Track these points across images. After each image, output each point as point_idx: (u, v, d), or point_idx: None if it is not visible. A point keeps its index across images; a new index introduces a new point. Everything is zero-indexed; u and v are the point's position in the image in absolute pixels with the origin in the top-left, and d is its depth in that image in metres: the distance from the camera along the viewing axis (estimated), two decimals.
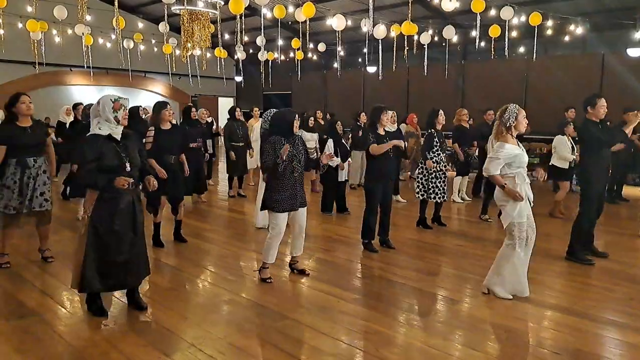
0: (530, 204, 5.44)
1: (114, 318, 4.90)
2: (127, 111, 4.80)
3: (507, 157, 5.30)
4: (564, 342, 4.51)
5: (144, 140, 6.88)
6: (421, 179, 8.67)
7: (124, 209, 4.75)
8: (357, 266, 6.79)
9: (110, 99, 4.71)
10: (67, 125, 11.10)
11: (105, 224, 4.69)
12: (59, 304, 5.25)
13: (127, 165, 4.72)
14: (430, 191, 8.55)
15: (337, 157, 9.48)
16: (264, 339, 4.50)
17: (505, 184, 5.32)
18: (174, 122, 7.39)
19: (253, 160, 11.40)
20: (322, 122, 13.77)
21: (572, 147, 9.24)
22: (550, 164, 9.63)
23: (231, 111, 11.62)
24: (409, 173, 14.31)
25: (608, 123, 9.97)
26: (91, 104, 8.95)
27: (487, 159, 5.45)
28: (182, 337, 4.49)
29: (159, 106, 7.21)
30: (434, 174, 8.51)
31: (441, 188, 8.55)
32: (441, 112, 8.59)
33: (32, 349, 4.27)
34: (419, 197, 8.70)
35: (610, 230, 8.47)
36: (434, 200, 8.63)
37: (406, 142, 10.00)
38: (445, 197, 8.62)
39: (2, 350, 4.25)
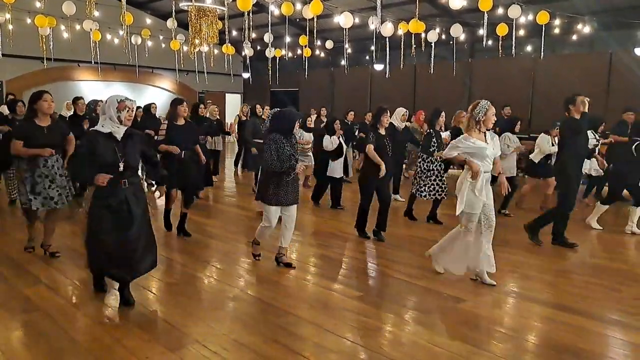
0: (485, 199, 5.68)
1: (118, 313, 4.92)
2: (132, 112, 4.81)
3: (468, 148, 5.63)
4: (568, 341, 4.50)
5: (156, 137, 7.38)
6: (416, 175, 8.82)
7: (116, 206, 4.76)
8: (361, 263, 6.80)
9: (117, 99, 4.74)
10: (67, 119, 11.16)
11: (97, 221, 4.76)
12: (64, 299, 5.28)
13: (121, 165, 4.73)
14: (422, 189, 8.60)
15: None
16: (268, 335, 4.51)
17: (467, 158, 5.67)
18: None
19: None
20: (325, 120, 13.86)
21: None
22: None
23: (253, 108, 12.21)
24: (412, 171, 14.25)
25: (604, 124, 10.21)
26: (95, 100, 9.11)
27: (448, 146, 5.86)
28: (186, 332, 4.51)
29: (175, 102, 7.47)
30: (427, 172, 8.55)
31: (435, 186, 8.54)
32: (443, 113, 8.82)
33: (36, 343, 4.30)
34: (412, 191, 8.89)
35: (617, 230, 8.43)
36: (423, 198, 8.65)
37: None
38: (439, 196, 8.55)
39: (7, 345, 4.28)
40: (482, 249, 5.77)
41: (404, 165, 12.31)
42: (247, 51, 16.59)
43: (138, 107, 12.78)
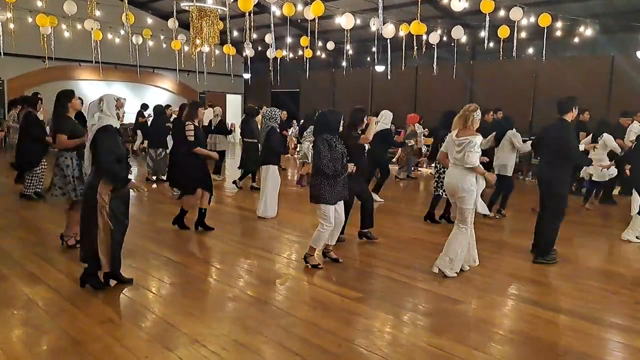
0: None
1: (119, 313, 4.92)
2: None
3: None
4: (569, 344, 4.50)
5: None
6: (436, 175, 8.82)
7: (128, 198, 5.49)
8: (362, 265, 6.78)
9: (114, 98, 5.35)
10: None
11: (120, 212, 5.31)
12: (64, 297, 5.26)
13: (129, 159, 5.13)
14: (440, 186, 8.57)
15: None
16: (268, 336, 4.50)
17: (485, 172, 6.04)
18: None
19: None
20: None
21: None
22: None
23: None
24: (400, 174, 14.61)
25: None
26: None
27: (472, 153, 5.81)
28: (186, 332, 4.50)
29: (197, 105, 8.11)
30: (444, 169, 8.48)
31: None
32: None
33: (36, 342, 4.29)
34: (435, 192, 8.84)
35: (618, 234, 8.40)
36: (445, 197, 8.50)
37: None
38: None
39: (6, 342, 4.28)
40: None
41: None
42: (248, 52, 16.61)
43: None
